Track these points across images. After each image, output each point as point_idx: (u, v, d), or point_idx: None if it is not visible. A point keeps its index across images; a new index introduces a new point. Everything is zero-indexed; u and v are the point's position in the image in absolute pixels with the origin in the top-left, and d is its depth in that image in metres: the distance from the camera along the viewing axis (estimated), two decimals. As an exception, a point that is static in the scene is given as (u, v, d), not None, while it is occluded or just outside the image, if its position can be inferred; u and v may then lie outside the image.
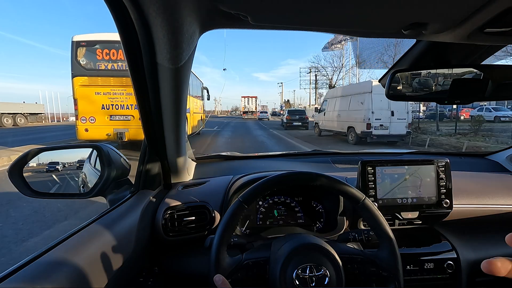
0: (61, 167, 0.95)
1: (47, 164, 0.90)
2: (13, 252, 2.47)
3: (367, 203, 0.68)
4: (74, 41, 6.83)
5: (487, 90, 0.75)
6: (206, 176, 1.17)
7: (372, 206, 0.68)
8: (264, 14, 0.56)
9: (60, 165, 0.95)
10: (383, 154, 1.51)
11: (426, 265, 0.90)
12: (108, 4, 0.56)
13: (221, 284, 0.56)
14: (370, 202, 0.68)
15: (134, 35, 0.62)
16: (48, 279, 0.50)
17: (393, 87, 0.84)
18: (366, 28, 0.62)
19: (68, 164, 0.99)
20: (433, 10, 0.51)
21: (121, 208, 0.81)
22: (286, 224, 1.01)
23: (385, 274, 0.64)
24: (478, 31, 0.55)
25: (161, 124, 0.86)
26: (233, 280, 0.63)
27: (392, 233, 0.66)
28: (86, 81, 6.94)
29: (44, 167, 0.90)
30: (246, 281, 0.67)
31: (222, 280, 0.57)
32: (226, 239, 0.66)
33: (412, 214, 0.93)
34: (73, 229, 0.66)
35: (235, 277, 0.64)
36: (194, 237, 0.90)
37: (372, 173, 0.92)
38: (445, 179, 0.92)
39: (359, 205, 0.69)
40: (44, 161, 0.91)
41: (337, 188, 0.70)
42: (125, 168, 0.97)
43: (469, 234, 0.99)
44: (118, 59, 6.98)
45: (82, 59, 6.91)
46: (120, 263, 0.68)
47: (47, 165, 0.90)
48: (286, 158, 1.49)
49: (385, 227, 0.66)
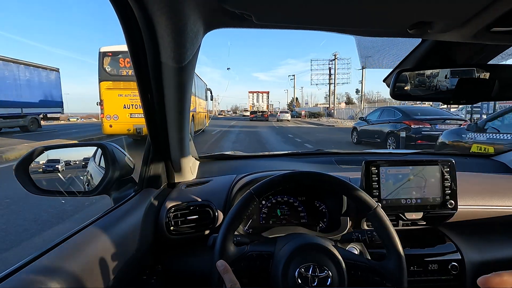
0: (62, 166, 0.95)
1: (44, 163, 0.90)
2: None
3: (378, 212, 0.67)
4: (101, 52, 8.18)
5: (494, 90, 0.74)
6: (210, 175, 1.17)
7: (384, 216, 0.67)
8: (268, 13, 0.56)
9: (62, 163, 0.95)
10: (387, 154, 1.50)
11: (430, 266, 0.89)
12: (113, 3, 0.57)
13: (223, 270, 0.57)
14: (381, 211, 0.67)
15: (138, 34, 0.62)
16: (53, 276, 0.50)
17: (398, 87, 0.84)
18: (370, 27, 0.62)
19: (73, 162, 1.00)
20: (439, 9, 0.51)
21: (125, 207, 0.82)
22: (289, 224, 1.01)
23: (389, 285, 0.64)
24: (484, 30, 0.54)
25: (165, 123, 0.86)
26: (236, 269, 0.63)
27: (401, 245, 0.65)
28: (111, 85, 8.35)
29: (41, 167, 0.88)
30: (248, 272, 0.67)
31: (224, 265, 0.57)
32: (233, 228, 0.66)
33: (416, 214, 0.92)
34: (78, 227, 0.66)
35: (237, 267, 0.65)
36: (197, 236, 0.91)
37: (376, 173, 0.91)
38: (450, 179, 0.91)
39: (370, 212, 0.68)
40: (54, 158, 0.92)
41: (350, 193, 0.70)
42: (129, 166, 0.97)
43: (474, 235, 0.98)
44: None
45: (107, 66, 8.30)
46: (123, 261, 0.68)
47: (43, 164, 0.89)
48: (289, 157, 1.49)
49: (394, 238, 0.65)
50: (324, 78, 45.58)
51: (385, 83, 0.95)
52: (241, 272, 0.65)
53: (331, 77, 42.82)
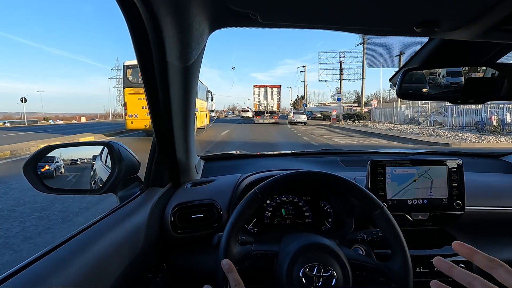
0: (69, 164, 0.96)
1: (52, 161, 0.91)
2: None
3: (384, 212, 0.67)
4: (125, 65, 10.87)
5: (503, 89, 0.73)
6: (214, 174, 1.18)
7: (389, 216, 0.67)
8: (274, 12, 0.56)
9: (69, 162, 0.97)
10: (393, 154, 1.49)
11: (437, 268, 0.88)
12: (119, 3, 0.57)
13: (228, 269, 0.57)
14: (387, 211, 0.67)
15: (144, 34, 0.63)
16: (58, 276, 0.50)
17: (404, 86, 0.83)
18: (376, 26, 0.61)
19: (80, 161, 1.01)
20: (447, 6, 0.50)
21: (131, 205, 0.82)
22: (294, 224, 1.01)
23: (395, 286, 0.63)
24: (494, 28, 0.53)
25: (170, 122, 0.86)
26: (240, 268, 0.63)
27: (407, 246, 0.64)
28: (132, 90, 10.84)
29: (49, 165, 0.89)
30: (252, 271, 0.67)
31: (229, 265, 0.57)
32: (237, 227, 0.66)
33: (422, 215, 0.91)
34: (84, 225, 0.67)
35: (242, 266, 0.65)
36: (202, 234, 0.91)
37: (381, 174, 0.91)
38: (457, 180, 0.90)
39: (376, 212, 0.67)
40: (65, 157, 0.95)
41: (355, 193, 0.70)
42: (135, 165, 0.98)
43: (481, 236, 0.97)
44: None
45: (129, 76, 10.87)
46: (129, 259, 0.69)
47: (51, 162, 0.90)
48: (294, 157, 1.48)
49: (400, 239, 0.65)
50: (334, 73, 40.02)
51: (391, 83, 0.94)
52: (245, 272, 0.65)
53: (342, 71, 38.35)
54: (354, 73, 39.09)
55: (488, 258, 0.39)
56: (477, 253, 0.40)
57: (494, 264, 0.38)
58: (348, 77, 39.33)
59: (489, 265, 0.38)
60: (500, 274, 0.36)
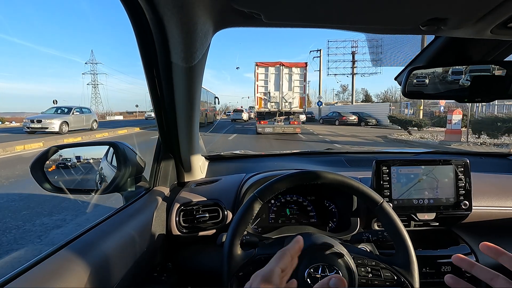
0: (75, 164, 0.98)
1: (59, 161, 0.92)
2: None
3: (385, 206, 0.67)
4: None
5: (511, 87, 0.72)
6: (219, 174, 1.18)
7: (390, 210, 0.67)
8: (278, 12, 0.55)
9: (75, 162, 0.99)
10: (398, 154, 1.47)
11: (443, 268, 0.87)
12: (124, 4, 0.58)
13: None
14: (388, 206, 0.67)
15: (149, 35, 0.63)
16: (66, 273, 0.51)
17: (410, 85, 0.82)
18: (381, 24, 0.61)
19: (86, 161, 1.02)
20: (453, 4, 0.49)
21: (136, 205, 0.83)
22: (299, 223, 1.01)
23: (400, 280, 0.63)
24: (501, 26, 0.52)
25: (175, 122, 0.87)
26: (245, 273, 0.63)
27: (410, 239, 0.64)
28: None
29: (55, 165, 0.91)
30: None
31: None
32: (239, 232, 0.66)
33: (428, 215, 0.90)
34: (90, 224, 0.68)
35: (246, 271, 0.65)
36: (207, 234, 0.92)
37: (387, 173, 0.90)
38: (464, 179, 0.89)
39: (376, 208, 0.67)
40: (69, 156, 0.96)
41: (354, 189, 0.69)
42: (140, 165, 0.99)
43: (489, 237, 0.95)
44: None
45: None
46: (134, 258, 0.70)
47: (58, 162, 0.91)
48: (299, 156, 1.48)
49: (402, 232, 0.65)
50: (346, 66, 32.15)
51: (397, 81, 0.93)
52: (250, 276, 0.65)
53: (354, 64, 31.83)
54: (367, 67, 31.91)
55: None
56: (504, 253, 0.40)
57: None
58: (362, 70, 32.11)
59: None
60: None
